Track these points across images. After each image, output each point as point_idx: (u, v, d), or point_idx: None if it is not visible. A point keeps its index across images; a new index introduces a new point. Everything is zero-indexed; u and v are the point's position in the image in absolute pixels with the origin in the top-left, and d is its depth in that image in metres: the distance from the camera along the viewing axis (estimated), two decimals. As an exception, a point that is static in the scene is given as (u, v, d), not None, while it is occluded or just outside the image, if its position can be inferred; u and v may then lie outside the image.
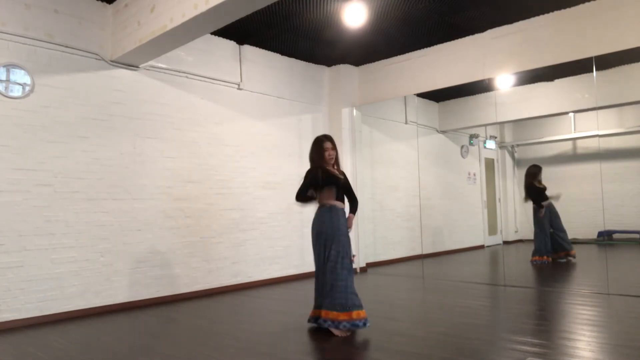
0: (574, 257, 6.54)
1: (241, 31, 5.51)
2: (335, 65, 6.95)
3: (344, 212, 3.70)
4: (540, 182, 6.66)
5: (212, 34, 5.48)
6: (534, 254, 6.62)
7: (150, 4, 4.16)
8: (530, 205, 6.83)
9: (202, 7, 3.59)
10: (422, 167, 7.44)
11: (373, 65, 6.87)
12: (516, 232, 7.83)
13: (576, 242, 6.59)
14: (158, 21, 4.06)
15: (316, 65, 6.86)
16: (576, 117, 6.80)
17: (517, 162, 7.95)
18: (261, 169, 6.00)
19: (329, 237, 3.55)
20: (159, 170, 5.01)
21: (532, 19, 5.22)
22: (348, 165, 6.77)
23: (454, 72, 5.91)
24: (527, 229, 7.71)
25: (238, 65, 5.85)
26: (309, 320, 3.66)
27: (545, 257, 6.52)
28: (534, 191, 6.66)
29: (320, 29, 5.49)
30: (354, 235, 6.77)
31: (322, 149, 3.66)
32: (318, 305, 3.61)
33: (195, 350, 3.17)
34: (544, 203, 6.58)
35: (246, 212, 5.79)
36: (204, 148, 5.42)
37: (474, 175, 8.48)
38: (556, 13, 5.07)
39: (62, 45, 4.39)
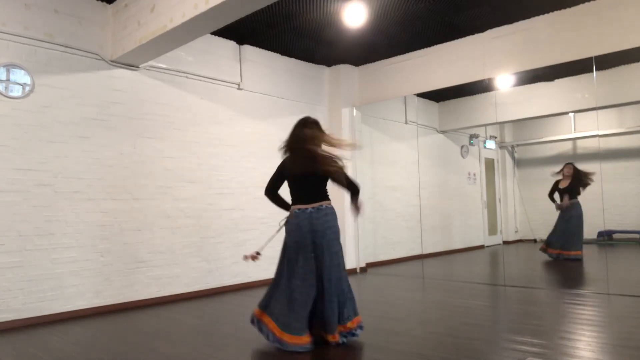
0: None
1: (241, 31, 5.51)
2: (335, 65, 6.95)
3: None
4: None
5: (212, 34, 5.48)
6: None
7: (150, 4, 4.16)
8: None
9: (202, 7, 3.59)
10: (422, 167, 7.44)
11: (373, 65, 6.87)
12: (516, 232, 7.84)
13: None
14: (158, 21, 4.06)
15: (316, 65, 6.86)
16: (576, 117, 6.81)
17: (517, 162, 7.95)
18: (261, 169, 5.99)
19: None
20: (159, 170, 5.01)
21: (532, 19, 5.22)
22: (348, 165, 6.76)
23: (454, 72, 5.91)
24: (526, 229, 7.72)
25: (238, 65, 5.85)
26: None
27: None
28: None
29: (320, 29, 5.49)
30: (354, 235, 6.78)
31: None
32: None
33: (195, 350, 3.17)
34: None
35: (246, 212, 5.78)
36: (204, 148, 5.42)
37: (474, 175, 8.48)
38: (556, 13, 5.07)
39: (62, 45, 4.39)
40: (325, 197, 3.31)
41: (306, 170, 3.21)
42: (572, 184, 6.53)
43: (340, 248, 3.29)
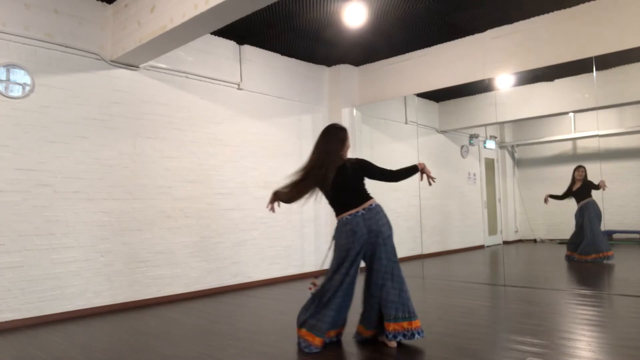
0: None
1: (241, 31, 5.51)
2: (335, 65, 6.95)
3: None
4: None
5: (212, 34, 5.48)
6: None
7: (150, 4, 4.16)
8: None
9: (202, 7, 3.59)
10: (422, 167, 7.42)
11: (373, 65, 6.87)
12: (516, 232, 7.83)
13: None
14: (158, 21, 4.06)
15: (316, 65, 6.86)
16: (576, 117, 6.80)
17: (517, 162, 7.95)
18: (261, 169, 6.00)
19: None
20: (159, 170, 5.01)
21: (532, 19, 5.22)
22: (348, 165, 6.76)
23: (454, 72, 5.91)
24: (526, 229, 7.72)
25: (238, 65, 5.85)
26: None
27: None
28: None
29: (320, 29, 5.49)
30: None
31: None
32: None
33: (195, 350, 3.17)
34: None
35: (246, 212, 5.79)
36: (204, 148, 5.42)
37: (474, 175, 8.48)
38: (556, 13, 5.07)
39: (62, 45, 4.39)
40: (370, 196, 3.36)
41: (345, 177, 3.24)
42: (583, 186, 6.43)
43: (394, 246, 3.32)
